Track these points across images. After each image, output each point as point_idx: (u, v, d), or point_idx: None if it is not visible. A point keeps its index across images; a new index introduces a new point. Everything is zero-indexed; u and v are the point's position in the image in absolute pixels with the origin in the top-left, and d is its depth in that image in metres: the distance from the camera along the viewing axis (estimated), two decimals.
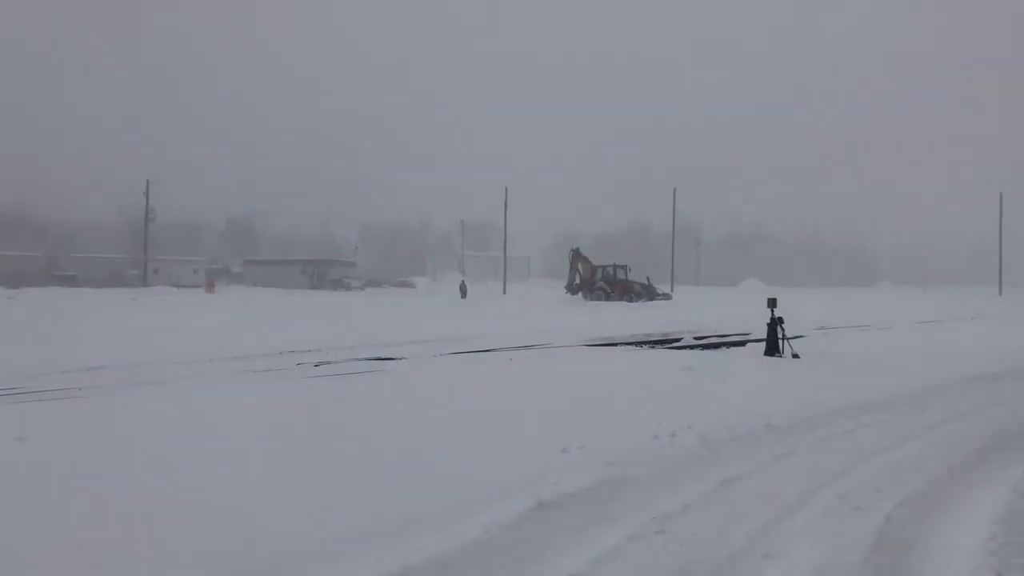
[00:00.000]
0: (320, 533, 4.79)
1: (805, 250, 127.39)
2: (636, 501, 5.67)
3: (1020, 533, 5.13)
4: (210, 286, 62.75)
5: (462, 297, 52.13)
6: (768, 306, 15.54)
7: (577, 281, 47.81)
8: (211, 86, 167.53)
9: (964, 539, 5.05)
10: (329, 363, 14.20)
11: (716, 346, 18.38)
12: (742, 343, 18.52)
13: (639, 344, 18.68)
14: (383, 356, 15.33)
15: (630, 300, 42.86)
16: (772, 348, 15.26)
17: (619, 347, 17.85)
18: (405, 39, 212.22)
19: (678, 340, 19.73)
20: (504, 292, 64.86)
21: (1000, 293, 66.63)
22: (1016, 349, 17.24)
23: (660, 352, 16.61)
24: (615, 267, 47.11)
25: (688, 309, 36.96)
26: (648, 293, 44.68)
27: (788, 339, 15.36)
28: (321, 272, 79.08)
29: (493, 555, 4.65)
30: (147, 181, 72.86)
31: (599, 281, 46.31)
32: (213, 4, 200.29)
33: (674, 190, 71.73)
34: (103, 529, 4.79)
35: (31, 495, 5.45)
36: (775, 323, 15.33)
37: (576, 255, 48.87)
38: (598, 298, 44.78)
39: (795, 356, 14.85)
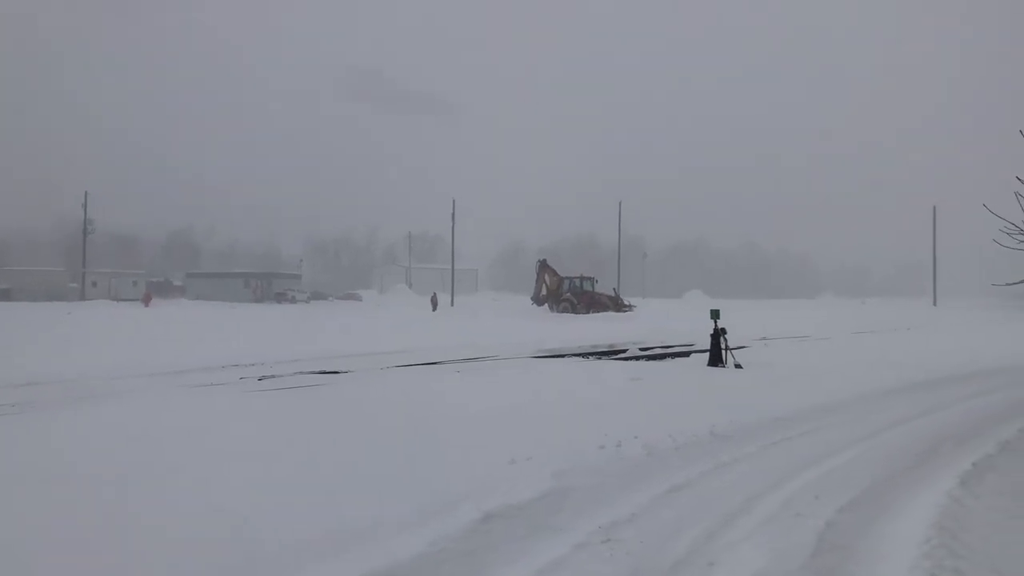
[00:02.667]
0: (265, 547, 4.73)
1: (748, 263, 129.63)
2: (583, 511, 5.71)
3: (953, 536, 5.28)
4: (147, 299, 61.26)
5: (433, 309, 51.62)
6: (711, 318, 15.80)
7: (543, 292, 47.80)
8: (150, 96, 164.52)
9: (900, 543, 5.18)
10: (273, 377, 14.01)
11: (661, 357, 18.58)
12: (686, 354, 18.76)
13: (585, 355, 18.81)
14: (328, 370, 15.17)
15: (597, 312, 42.76)
16: (715, 358, 15.50)
17: (567, 359, 17.93)
18: (352, 54, 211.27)
19: (624, 351, 19.90)
20: (452, 304, 64.64)
21: (935, 304, 68.61)
22: (948, 357, 17.75)
23: (606, 363, 16.73)
24: (582, 279, 47.10)
25: (637, 320, 37.29)
26: (615, 305, 44.76)
27: (731, 350, 15.62)
28: (265, 285, 77.92)
29: (440, 566, 4.64)
30: (85, 193, 71.18)
31: (566, 292, 46.30)
32: (154, 14, 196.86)
33: (619, 203, 72.47)
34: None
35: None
36: (718, 334, 15.57)
37: (543, 266, 48.82)
38: (565, 310, 44.63)
39: (738, 366, 15.10)
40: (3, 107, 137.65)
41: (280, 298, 72.79)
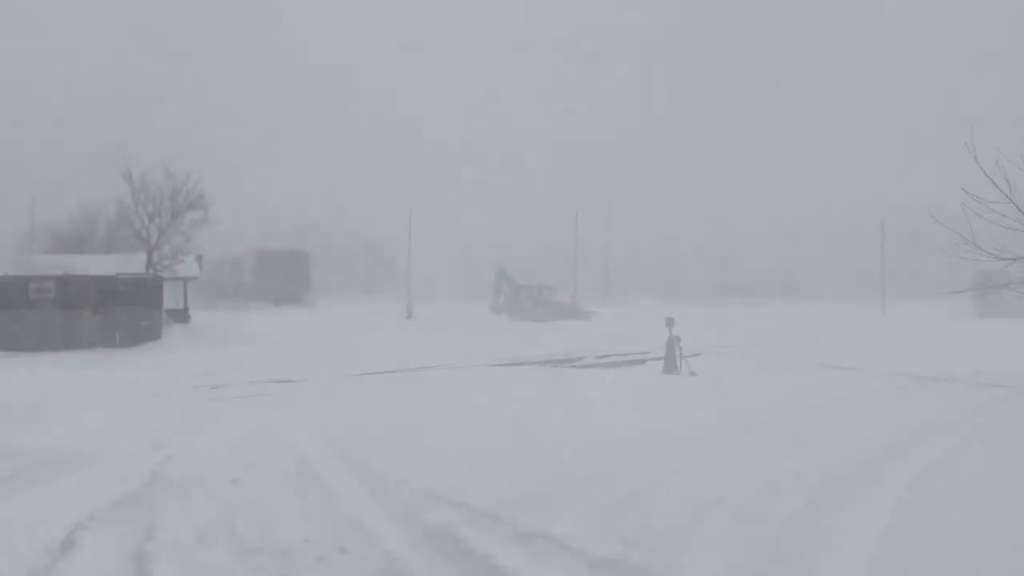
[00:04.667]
0: None
1: (705, 270, 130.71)
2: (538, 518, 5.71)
3: (899, 544, 5.37)
4: None
5: (407, 318, 51.39)
6: (666, 326, 15.86)
7: (502, 301, 48.14)
8: (96, 97, 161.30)
9: (847, 552, 5.23)
10: (226, 386, 13.88)
11: (617, 365, 18.67)
12: (642, 361, 18.88)
13: (542, 364, 18.82)
14: (283, 379, 15.04)
15: (555, 319, 42.96)
16: (670, 366, 15.60)
17: (525, 367, 17.94)
18: (309, 58, 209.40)
19: (581, 358, 19.97)
20: (409, 315, 64.18)
21: (883, 312, 70.05)
22: (901, 363, 18.06)
23: (563, 371, 16.76)
24: (540, 287, 47.57)
25: (595, 327, 37.40)
26: (573, 312, 45.12)
27: (685, 358, 15.72)
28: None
29: None
30: (32, 199, 69.43)
31: (524, 301, 46.58)
32: (103, 11, 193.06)
33: (576, 213, 73.02)
34: None
35: None
36: (673, 342, 15.67)
37: (501, 276, 49.21)
38: (523, 318, 44.89)
39: (692, 374, 15.21)
40: None
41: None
